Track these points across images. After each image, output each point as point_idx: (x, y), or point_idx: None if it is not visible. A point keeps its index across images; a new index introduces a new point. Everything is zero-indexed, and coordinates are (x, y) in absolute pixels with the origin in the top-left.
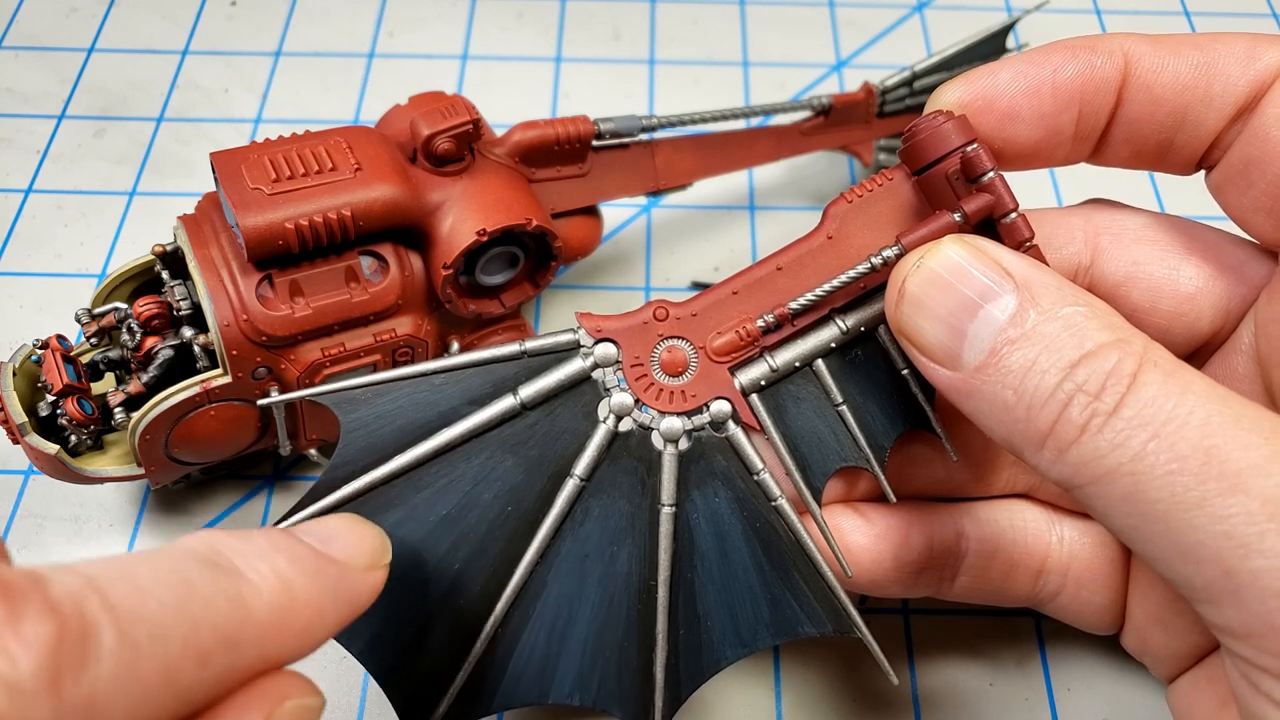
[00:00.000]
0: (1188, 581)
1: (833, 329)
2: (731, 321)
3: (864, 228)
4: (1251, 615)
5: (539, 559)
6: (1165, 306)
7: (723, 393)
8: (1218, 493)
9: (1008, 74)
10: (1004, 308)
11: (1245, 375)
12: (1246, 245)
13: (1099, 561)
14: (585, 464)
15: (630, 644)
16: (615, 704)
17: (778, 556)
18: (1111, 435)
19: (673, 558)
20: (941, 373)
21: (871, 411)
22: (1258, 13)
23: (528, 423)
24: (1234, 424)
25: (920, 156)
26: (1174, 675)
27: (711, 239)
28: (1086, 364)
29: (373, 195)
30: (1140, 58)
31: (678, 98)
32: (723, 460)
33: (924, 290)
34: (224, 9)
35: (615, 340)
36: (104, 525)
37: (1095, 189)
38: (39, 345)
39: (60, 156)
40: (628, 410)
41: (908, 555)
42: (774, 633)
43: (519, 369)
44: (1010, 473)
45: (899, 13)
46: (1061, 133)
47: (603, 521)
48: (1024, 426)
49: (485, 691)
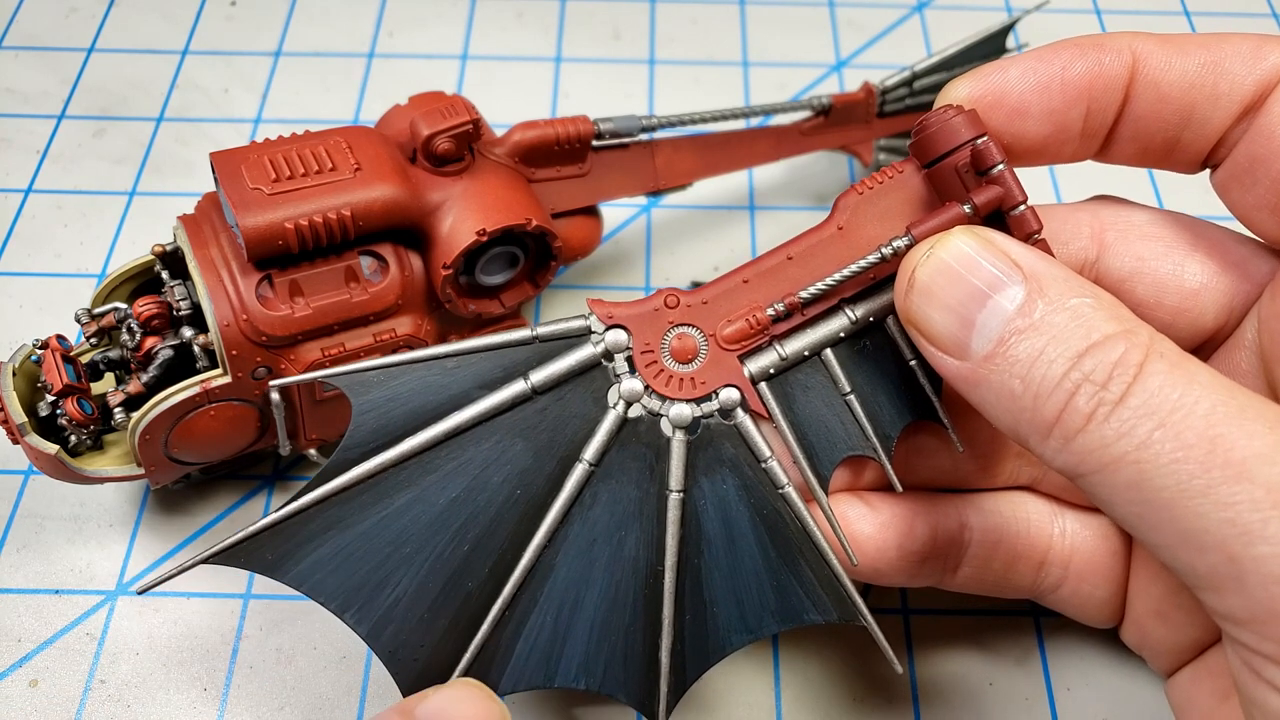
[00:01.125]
0: (1191, 569)
1: (842, 319)
2: (742, 310)
3: (874, 219)
4: (1254, 602)
5: (547, 542)
6: (1170, 302)
7: (732, 380)
8: (1222, 480)
9: (1017, 70)
10: (1012, 298)
11: (1248, 371)
12: (1250, 242)
13: (1100, 555)
14: (595, 449)
15: (636, 629)
16: (620, 689)
17: (784, 544)
18: (1118, 424)
19: (680, 543)
20: (949, 362)
21: (879, 401)
22: (1258, 13)
23: (538, 407)
24: (1239, 414)
25: (930, 149)
26: (1173, 669)
27: (711, 239)
28: (1093, 354)
29: (373, 195)
30: (1148, 56)
31: (678, 98)
32: (731, 447)
33: (933, 280)
34: (224, 9)
35: (626, 327)
36: (104, 525)
37: (1094, 188)
38: (39, 345)
39: (60, 156)
40: (637, 396)
41: (912, 545)
42: (780, 619)
43: (530, 354)
44: (1014, 465)
45: (899, 13)
46: (1069, 129)
47: (611, 506)
48: (1030, 415)
49: (491, 674)
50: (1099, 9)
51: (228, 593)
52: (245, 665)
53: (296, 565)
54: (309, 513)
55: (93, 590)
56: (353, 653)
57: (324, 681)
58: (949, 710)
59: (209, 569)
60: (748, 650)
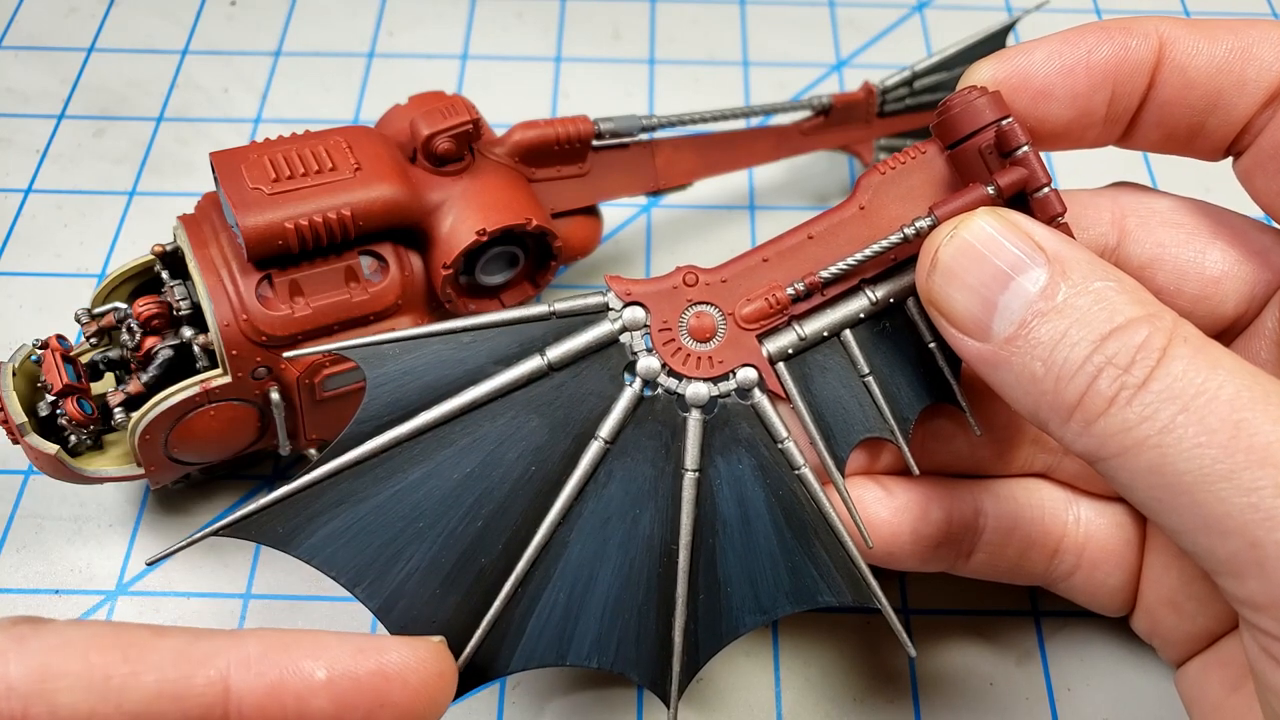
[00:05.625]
0: (1211, 554)
1: (862, 299)
2: (761, 289)
3: (896, 200)
4: (1275, 586)
5: (561, 519)
6: (1190, 289)
7: (750, 360)
8: (1246, 465)
9: (1042, 53)
10: (1035, 280)
11: (1268, 360)
12: (1272, 231)
13: (1114, 542)
14: (610, 427)
15: (650, 608)
16: (633, 668)
17: (799, 525)
18: (1140, 408)
19: (694, 523)
20: (970, 344)
21: (897, 383)
22: (1258, 13)
23: (554, 384)
24: (1263, 399)
25: (954, 130)
26: (1183, 659)
27: (711, 239)
28: (1116, 337)
29: (373, 195)
30: (1175, 40)
31: (678, 98)
32: (747, 427)
33: (956, 260)
34: (224, 9)
35: (644, 304)
36: (104, 525)
37: (1104, 178)
38: (39, 345)
39: (60, 156)
40: (654, 374)
41: (926, 529)
42: (794, 601)
43: (547, 330)
44: (1029, 451)
45: (899, 13)
46: (1094, 113)
47: (626, 484)
48: (1052, 398)
49: (504, 651)
50: (1099, 9)
51: (228, 593)
52: None
53: (308, 539)
54: (321, 486)
55: (93, 590)
56: None
57: None
58: (949, 710)
59: (210, 569)
60: (748, 650)
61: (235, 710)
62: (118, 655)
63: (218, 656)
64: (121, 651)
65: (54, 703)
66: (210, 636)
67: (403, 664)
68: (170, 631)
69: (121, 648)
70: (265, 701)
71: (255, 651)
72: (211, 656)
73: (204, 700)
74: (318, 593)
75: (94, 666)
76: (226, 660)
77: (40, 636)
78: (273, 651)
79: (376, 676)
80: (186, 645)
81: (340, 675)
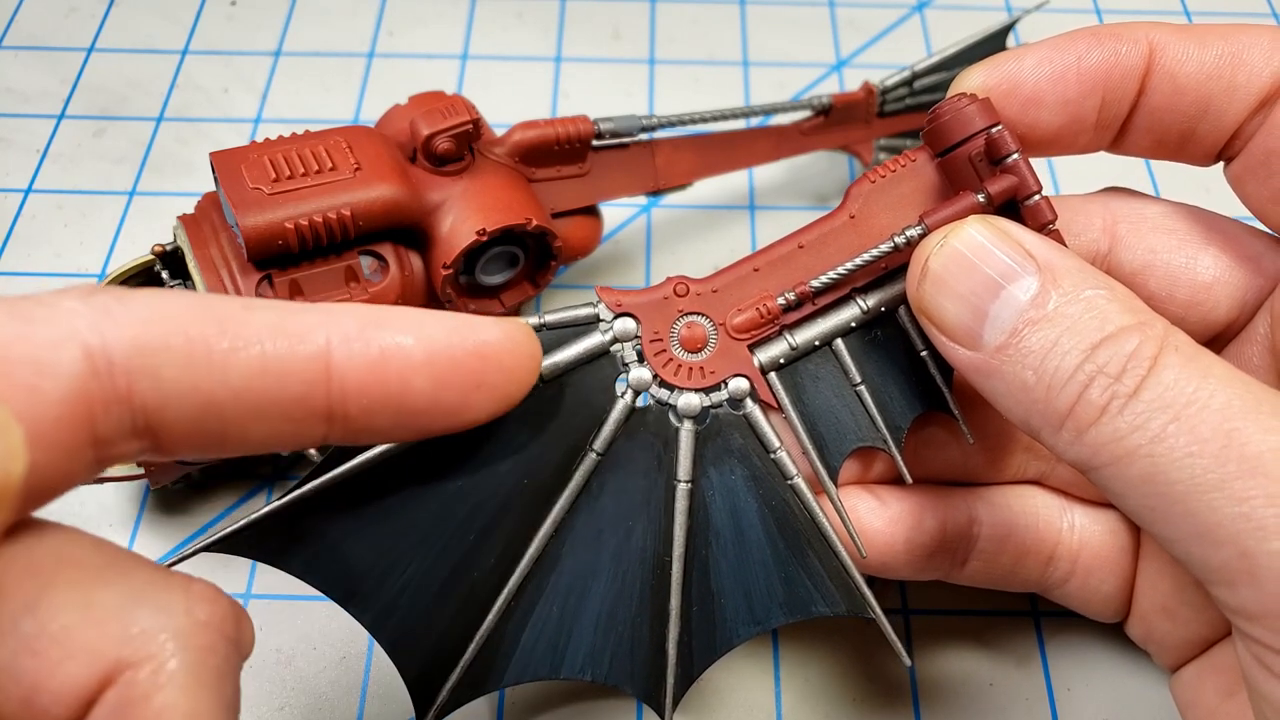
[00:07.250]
0: (1204, 563)
1: (853, 308)
2: (752, 298)
3: (887, 208)
4: (1267, 596)
5: (554, 532)
6: (1182, 295)
7: (741, 370)
8: (1237, 475)
9: (1032, 59)
10: (1026, 289)
11: (1260, 365)
12: (1264, 237)
13: (1109, 549)
14: (602, 439)
15: (643, 620)
16: (627, 680)
17: (792, 535)
18: (1131, 417)
19: (688, 534)
20: (961, 352)
21: (890, 392)
22: (1258, 13)
23: (545, 396)
24: (1255, 408)
25: (944, 138)
26: (1178, 665)
27: (711, 239)
28: (1108, 346)
29: (373, 195)
30: (1165, 46)
31: (678, 98)
32: (739, 438)
33: (946, 269)
34: (224, 9)
35: (635, 315)
36: (104, 525)
37: (1104, 180)
38: None
39: (60, 156)
40: (646, 385)
41: (920, 538)
42: (788, 611)
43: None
44: (1022, 458)
45: (899, 13)
46: (1084, 119)
47: (618, 496)
48: (1043, 407)
49: (497, 665)
50: (1099, 9)
51: (227, 593)
52: (244, 665)
53: (298, 554)
54: (311, 501)
55: None
56: (352, 653)
57: (324, 681)
58: (949, 710)
59: (209, 569)
60: (748, 651)
61: (338, 388)
62: (215, 328)
63: (316, 330)
64: (218, 325)
65: (159, 377)
66: (303, 310)
67: (499, 345)
68: (257, 304)
69: (216, 321)
70: (367, 379)
71: (353, 327)
72: (310, 330)
73: (306, 376)
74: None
75: (193, 340)
76: (326, 334)
77: (127, 308)
78: (370, 327)
79: (474, 357)
80: (280, 319)
81: (439, 352)
